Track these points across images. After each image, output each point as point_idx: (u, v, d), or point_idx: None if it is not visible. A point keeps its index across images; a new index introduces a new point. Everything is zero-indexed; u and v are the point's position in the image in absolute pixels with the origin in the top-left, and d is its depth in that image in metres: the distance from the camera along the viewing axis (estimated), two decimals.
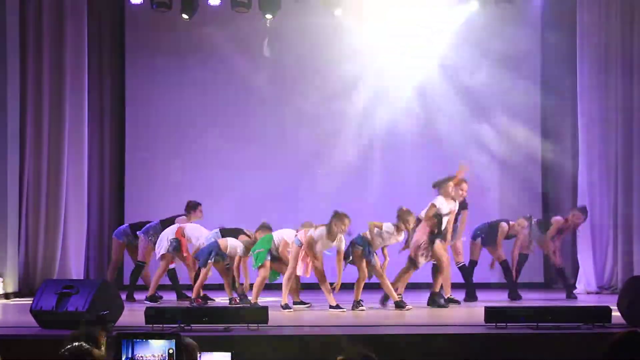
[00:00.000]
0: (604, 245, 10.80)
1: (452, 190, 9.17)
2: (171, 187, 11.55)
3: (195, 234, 9.76)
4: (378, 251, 9.05)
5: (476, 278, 10.11)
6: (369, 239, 8.89)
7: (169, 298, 10.05)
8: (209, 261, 9.26)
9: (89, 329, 4.39)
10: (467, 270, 9.99)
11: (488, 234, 10.04)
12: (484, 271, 10.28)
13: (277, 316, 8.06)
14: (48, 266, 10.73)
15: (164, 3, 11.19)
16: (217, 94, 12.17)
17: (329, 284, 8.80)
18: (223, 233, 9.63)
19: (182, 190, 10.68)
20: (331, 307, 8.69)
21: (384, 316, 8.43)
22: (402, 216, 8.88)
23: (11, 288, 10.37)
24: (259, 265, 8.97)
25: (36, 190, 10.79)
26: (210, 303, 9.55)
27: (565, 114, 11.65)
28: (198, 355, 4.33)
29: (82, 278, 10.89)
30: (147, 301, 9.64)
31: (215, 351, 4.62)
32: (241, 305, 9.07)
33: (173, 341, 4.14)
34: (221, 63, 12.11)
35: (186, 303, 9.35)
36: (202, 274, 9.33)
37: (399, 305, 8.77)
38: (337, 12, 11.43)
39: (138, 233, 10.34)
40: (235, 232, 9.62)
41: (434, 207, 9.07)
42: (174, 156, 11.96)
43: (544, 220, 10.56)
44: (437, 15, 11.79)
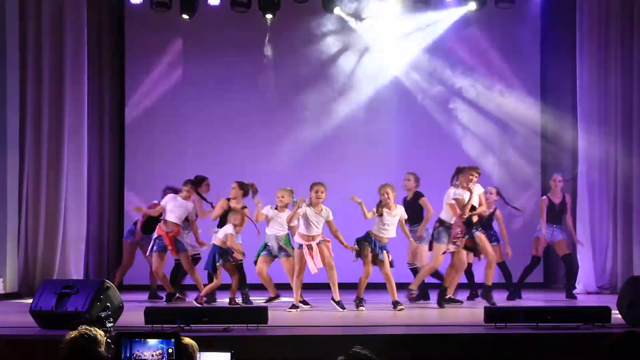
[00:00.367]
0: (604, 245, 10.79)
1: (465, 180, 9.12)
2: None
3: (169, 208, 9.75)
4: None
5: (475, 278, 10.12)
6: (376, 235, 8.86)
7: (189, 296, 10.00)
8: (218, 264, 9.24)
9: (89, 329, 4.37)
10: (468, 270, 9.99)
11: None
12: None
13: (277, 316, 8.06)
14: (48, 266, 10.72)
15: (164, 3, 11.22)
16: (217, 94, 12.17)
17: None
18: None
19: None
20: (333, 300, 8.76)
21: (384, 316, 8.43)
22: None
23: (11, 288, 10.38)
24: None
25: (36, 190, 10.78)
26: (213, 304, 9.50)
27: (565, 114, 11.65)
28: (197, 355, 4.32)
29: (82, 278, 10.88)
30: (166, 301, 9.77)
31: (214, 351, 4.61)
32: (238, 305, 9.08)
33: (172, 341, 4.14)
34: (221, 63, 12.13)
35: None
36: (215, 281, 9.32)
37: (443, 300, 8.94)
38: (336, 11, 11.49)
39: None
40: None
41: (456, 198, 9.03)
42: (174, 156, 11.96)
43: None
44: (437, 14, 11.84)
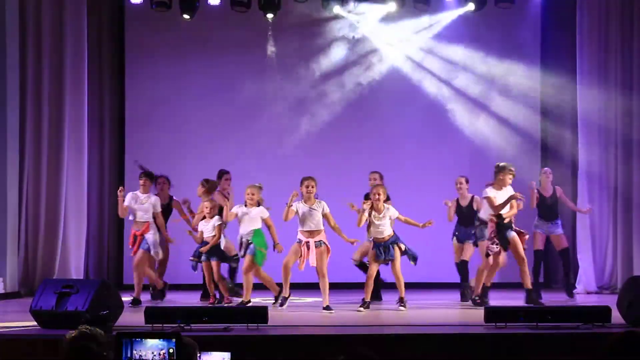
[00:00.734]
0: (604, 245, 10.79)
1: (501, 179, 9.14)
2: (171, 187, 11.52)
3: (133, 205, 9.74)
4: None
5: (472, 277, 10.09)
6: (375, 237, 8.77)
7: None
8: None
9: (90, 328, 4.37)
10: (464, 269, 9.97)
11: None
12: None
13: (277, 316, 8.07)
14: (48, 266, 10.73)
15: (164, 3, 11.22)
16: (217, 94, 12.16)
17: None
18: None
19: (183, 190, 10.64)
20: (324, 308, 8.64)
21: (384, 316, 8.43)
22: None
23: (11, 288, 10.37)
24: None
25: (36, 190, 10.78)
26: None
27: (565, 114, 11.64)
28: (198, 355, 4.32)
29: (82, 278, 10.88)
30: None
31: (214, 351, 4.61)
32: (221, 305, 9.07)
33: (173, 341, 4.14)
34: (221, 63, 12.13)
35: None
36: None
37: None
38: (336, 10, 11.49)
39: None
40: None
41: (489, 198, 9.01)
42: (174, 156, 11.94)
43: None
44: (437, 14, 11.85)
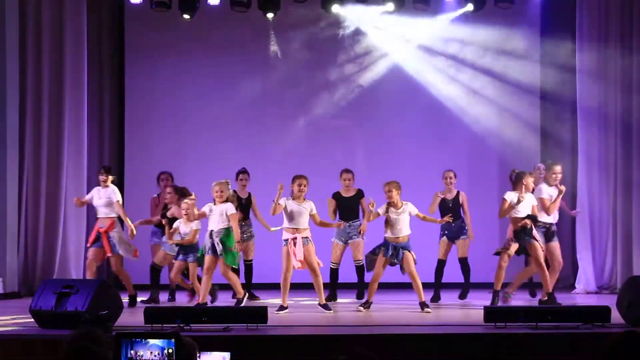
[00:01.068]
0: (604, 245, 10.79)
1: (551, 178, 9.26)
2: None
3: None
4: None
5: (473, 277, 10.09)
6: (390, 238, 8.69)
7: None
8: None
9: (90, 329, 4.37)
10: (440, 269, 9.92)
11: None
12: (482, 271, 10.25)
13: (277, 316, 8.07)
14: (48, 266, 10.73)
15: (164, 3, 11.21)
16: (217, 94, 12.17)
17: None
18: None
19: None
20: (320, 305, 8.64)
21: (384, 316, 8.42)
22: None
23: (11, 288, 10.37)
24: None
25: (36, 190, 10.78)
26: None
27: (564, 114, 11.64)
28: (197, 355, 4.31)
29: (82, 278, 10.87)
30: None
31: (214, 351, 4.61)
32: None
33: (172, 341, 4.14)
34: (221, 62, 12.13)
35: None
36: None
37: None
38: (335, 10, 11.50)
39: None
40: None
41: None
42: (174, 156, 11.94)
43: None
44: (437, 14, 11.85)
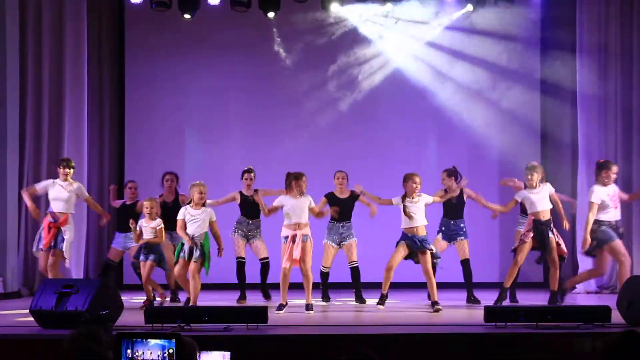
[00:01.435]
0: None
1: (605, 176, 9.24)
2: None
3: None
4: None
5: (475, 278, 10.07)
6: (408, 229, 8.67)
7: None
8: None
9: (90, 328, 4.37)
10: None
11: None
12: (483, 270, 10.26)
13: (277, 316, 8.07)
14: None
15: (164, 3, 11.23)
16: (217, 93, 12.19)
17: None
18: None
19: (182, 189, 10.65)
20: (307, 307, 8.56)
21: (384, 316, 8.43)
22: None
23: (11, 288, 10.37)
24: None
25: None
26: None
27: (564, 114, 11.65)
28: (197, 354, 4.32)
29: (82, 278, 10.87)
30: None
31: (214, 350, 4.61)
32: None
33: (173, 341, 4.14)
34: (221, 62, 12.16)
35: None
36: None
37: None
38: (335, 9, 11.52)
39: None
40: None
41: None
42: (174, 156, 11.96)
43: None
44: (437, 14, 11.87)
